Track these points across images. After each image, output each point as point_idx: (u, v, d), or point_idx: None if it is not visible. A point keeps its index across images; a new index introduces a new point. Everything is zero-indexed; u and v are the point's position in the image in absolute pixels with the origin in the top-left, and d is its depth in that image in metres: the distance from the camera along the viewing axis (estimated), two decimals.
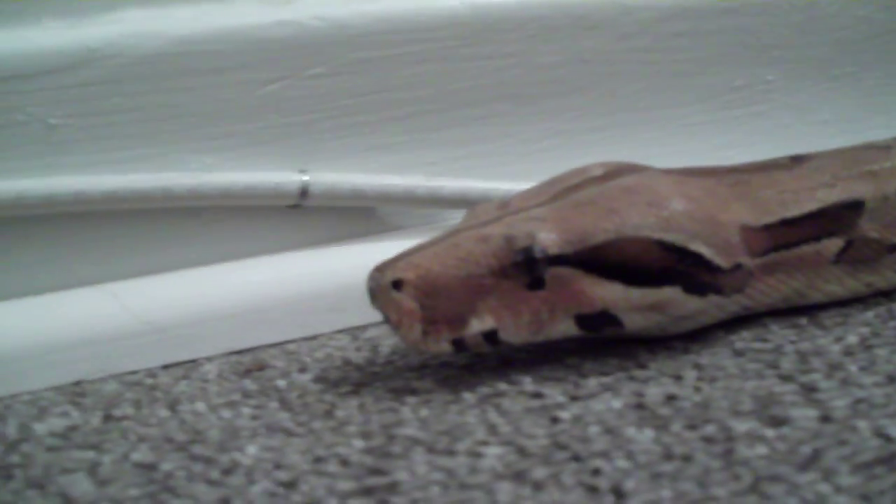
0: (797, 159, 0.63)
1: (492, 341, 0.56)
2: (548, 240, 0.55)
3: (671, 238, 0.56)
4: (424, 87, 0.70)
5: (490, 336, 0.56)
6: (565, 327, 0.56)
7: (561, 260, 0.55)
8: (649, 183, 0.58)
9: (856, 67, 0.80)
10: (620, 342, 0.60)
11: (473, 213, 0.59)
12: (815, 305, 0.62)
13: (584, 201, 0.57)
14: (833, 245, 0.60)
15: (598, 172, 0.59)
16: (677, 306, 0.57)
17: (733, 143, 0.77)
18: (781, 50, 0.78)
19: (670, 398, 0.53)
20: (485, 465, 0.49)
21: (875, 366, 0.54)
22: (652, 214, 0.56)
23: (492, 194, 0.69)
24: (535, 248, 0.55)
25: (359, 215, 0.71)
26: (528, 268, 0.55)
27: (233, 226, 0.68)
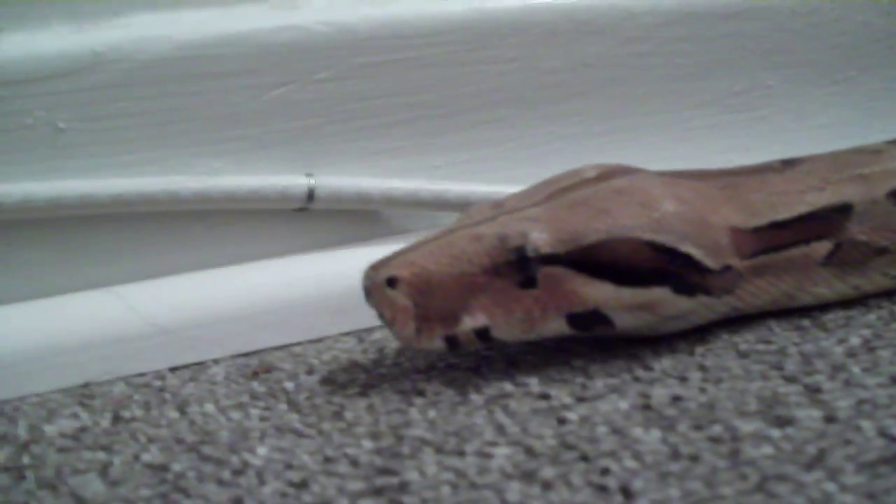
0: (788, 163, 0.64)
1: (484, 339, 0.57)
2: (540, 239, 0.56)
3: (661, 239, 0.56)
4: (429, 92, 0.71)
5: (482, 333, 0.57)
6: (557, 326, 0.57)
7: (553, 259, 0.56)
8: (641, 185, 0.59)
9: (856, 72, 0.81)
10: (625, 344, 0.60)
11: (468, 212, 0.60)
12: (816, 307, 0.63)
13: (576, 202, 0.58)
14: (822, 248, 0.61)
15: (592, 174, 0.60)
16: (667, 306, 0.57)
17: (734, 147, 0.78)
18: (782, 55, 0.78)
19: (676, 399, 0.54)
20: (494, 465, 0.49)
21: (878, 367, 0.55)
22: (643, 215, 0.57)
23: (495, 197, 0.69)
24: (527, 248, 0.55)
25: (364, 218, 0.71)
26: (520, 267, 0.56)
27: (239, 229, 0.69)
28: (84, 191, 0.64)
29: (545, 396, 0.56)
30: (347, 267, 0.68)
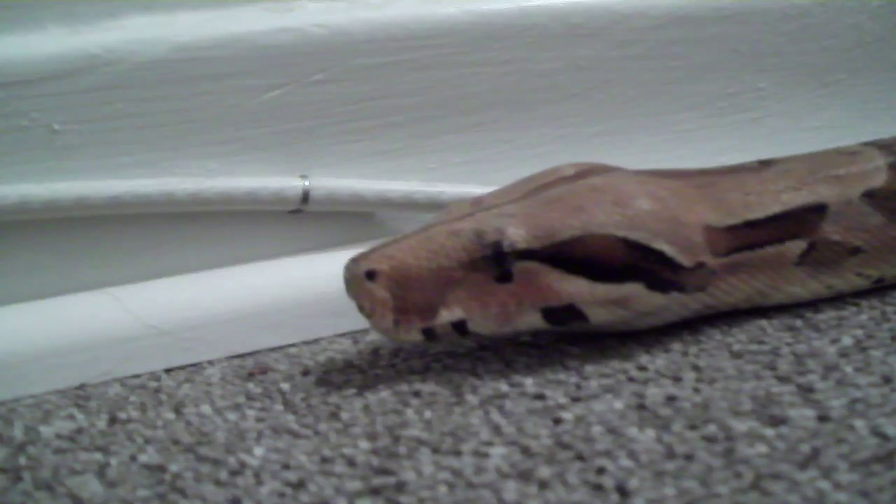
0: (766, 163, 0.65)
1: (461, 332, 0.58)
2: (516, 235, 0.57)
3: (635, 236, 0.57)
4: (424, 94, 0.71)
5: (459, 327, 0.58)
6: (532, 320, 0.58)
7: (528, 254, 0.57)
8: (616, 183, 0.60)
9: (846, 75, 0.81)
10: (619, 345, 0.61)
11: (448, 209, 0.61)
12: (808, 308, 0.63)
13: (552, 199, 0.59)
14: (796, 247, 0.62)
15: (570, 172, 0.61)
16: (640, 302, 0.58)
17: (727, 148, 0.78)
18: (774, 57, 0.79)
19: (670, 399, 0.54)
20: (490, 464, 0.49)
21: (870, 367, 0.55)
22: (617, 213, 0.58)
23: None
24: (503, 243, 0.57)
25: (359, 220, 0.71)
26: (496, 261, 0.57)
27: (234, 231, 0.69)
28: (80, 192, 0.64)
29: (540, 397, 0.56)
30: (342, 268, 0.68)
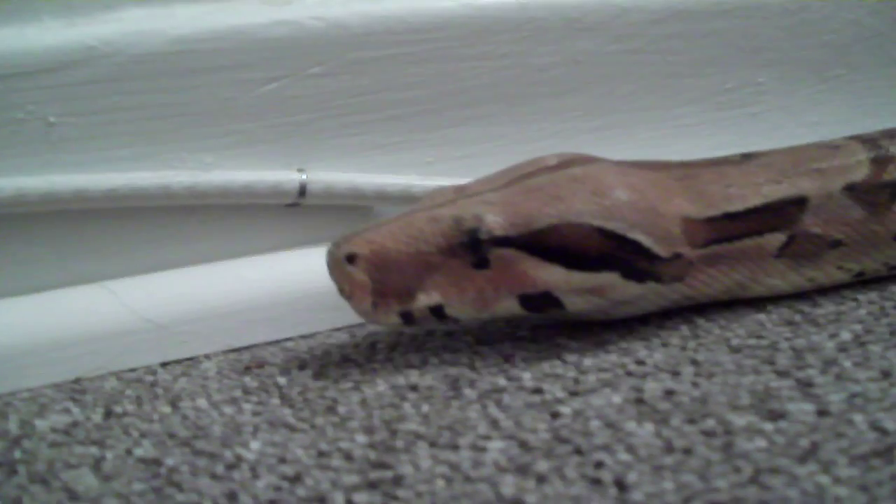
0: (748, 156, 0.65)
1: (440, 316, 0.59)
2: (493, 222, 0.58)
3: (611, 226, 0.58)
4: (421, 87, 0.71)
5: (437, 311, 0.59)
6: (509, 306, 0.59)
7: (505, 242, 0.58)
8: (596, 173, 0.60)
9: (845, 70, 0.81)
10: (617, 339, 0.61)
11: (432, 195, 0.62)
12: (808, 301, 0.63)
13: (532, 188, 0.59)
14: (775, 239, 0.62)
15: (553, 162, 0.62)
16: (616, 291, 0.59)
17: (725, 143, 0.78)
18: (773, 52, 0.79)
19: (669, 393, 0.54)
20: (488, 458, 0.49)
21: (869, 361, 0.55)
22: (594, 203, 0.58)
23: None
24: (480, 230, 0.57)
25: (356, 214, 0.71)
26: (473, 248, 0.58)
27: (231, 224, 0.69)
28: (76, 185, 0.64)
29: (538, 391, 0.56)
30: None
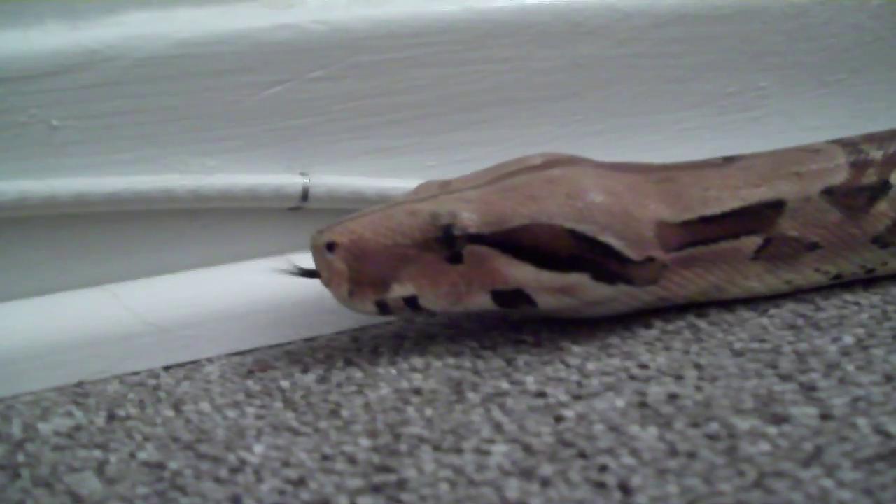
0: (729, 159, 0.66)
1: (413, 307, 0.61)
2: (468, 220, 0.59)
3: (582, 228, 0.59)
4: (424, 91, 0.71)
5: (411, 301, 0.60)
6: (482, 300, 0.60)
7: (478, 238, 0.59)
8: (573, 175, 0.61)
9: (847, 74, 0.81)
10: (620, 342, 0.61)
11: (416, 189, 0.63)
12: (811, 304, 0.63)
13: (510, 188, 0.60)
14: (752, 242, 0.62)
15: (537, 162, 0.63)
16: (586, 291, 0.60)
17: (726, 148, 0.77)
18: (774, 57, 0.79)
19: (672, 397, 0.54)
20: (492, 462, 0.49)
21: (872, 365, 0.55)
22: (568, 205, 0.59)
23: None
24: (455, 226, 0.59)
25: None
26: (447, 243, 0.59)
27: (234, 227, 0.69)
28: (79, 189, 0.64)
29: (542, 394, 0.56)
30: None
